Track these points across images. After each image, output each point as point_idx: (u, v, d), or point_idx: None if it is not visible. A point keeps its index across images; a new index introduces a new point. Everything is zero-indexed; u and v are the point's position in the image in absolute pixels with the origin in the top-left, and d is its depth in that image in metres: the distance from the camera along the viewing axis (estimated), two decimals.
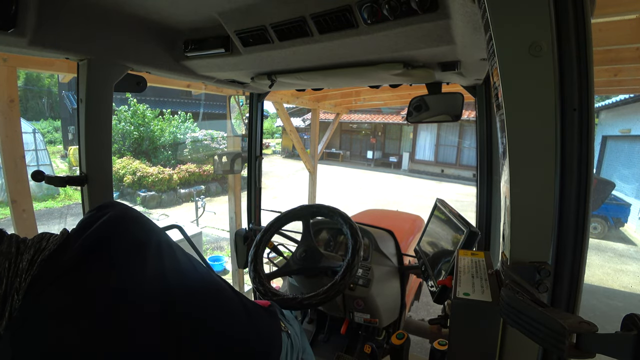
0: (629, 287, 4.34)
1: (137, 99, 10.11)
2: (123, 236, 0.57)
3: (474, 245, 0.89)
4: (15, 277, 0.47)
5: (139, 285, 0.54)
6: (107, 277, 0.52)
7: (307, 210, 1.29)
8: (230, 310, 0.69)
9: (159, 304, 0.54)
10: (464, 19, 0.63)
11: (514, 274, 0.46)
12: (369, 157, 15.91)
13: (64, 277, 0.49)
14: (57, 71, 2.39)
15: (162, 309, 0.54)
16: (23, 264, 0.48)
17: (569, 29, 0.41)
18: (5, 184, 2.05)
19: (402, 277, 1.51)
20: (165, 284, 0.57)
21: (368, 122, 15.42)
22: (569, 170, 0.44)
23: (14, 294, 0.47)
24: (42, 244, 0.52)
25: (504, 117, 0.44)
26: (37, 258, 0.49)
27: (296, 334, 0.97)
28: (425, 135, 14.44)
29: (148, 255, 0.57)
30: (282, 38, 0.83)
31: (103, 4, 0.83)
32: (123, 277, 0.53)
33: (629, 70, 2.70)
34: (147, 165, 9.36)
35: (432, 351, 0.83)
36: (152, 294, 0.54)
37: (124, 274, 0.53)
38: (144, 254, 0.57)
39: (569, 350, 0.35)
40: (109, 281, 0.51)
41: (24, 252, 0.50)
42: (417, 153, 14.71)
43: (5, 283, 0.47)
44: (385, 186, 11.12)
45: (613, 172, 8.27)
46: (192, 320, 0.58)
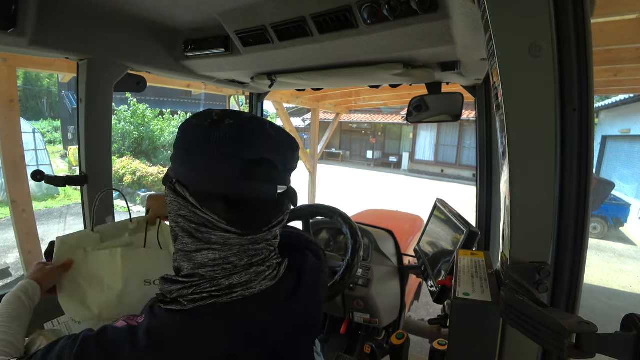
0: (629, 287, 4.34)
1: (137, 99, 10.09)
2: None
3: (473, 245, 0.89)
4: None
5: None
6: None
7: (307, 210, 1.29)
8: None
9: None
10: (464, 19, 0.63)
11: (513, 274, 0.46)
12: (369, 157, 15.91)
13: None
14: (57, 71, 2.40)
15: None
16: (222, 281, 0.47)
17: (569, 29, 0.41)
18: (5, 184, 2.05)
19: (402, 277, 1.51)
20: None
21: (368, 122, 15.42)
22: (568, 170, 0.44)
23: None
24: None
25: (504, 117, 0.44)
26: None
27: None
28: (425, 135, 14.44)
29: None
30: (282, 38, 0.83)
31: (103, 4, 0.83)
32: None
33: (629, 70, 2.70)
34: (147, 165, 9.35)
35: (432, 351, 0.83)
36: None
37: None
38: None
39: (569, 350, 0.35)
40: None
41: (238, 271, 0.49)
42: (417, 153, 14.70)
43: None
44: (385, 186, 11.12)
45: (613, 172, 8.27)
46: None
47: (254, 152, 0.46)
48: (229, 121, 0.46)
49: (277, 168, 0.48)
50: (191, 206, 0.46)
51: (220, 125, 0.46)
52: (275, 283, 0.51)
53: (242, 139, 0.46)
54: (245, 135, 0.46)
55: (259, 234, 0.49)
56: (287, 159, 0.50)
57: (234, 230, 0.46)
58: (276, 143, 0.49)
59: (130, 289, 0.74)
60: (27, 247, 2.10)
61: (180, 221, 0.47)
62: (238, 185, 0.45)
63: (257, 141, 0.47)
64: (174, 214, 0.48)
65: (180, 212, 0.47)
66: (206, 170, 0.45)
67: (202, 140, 0.46)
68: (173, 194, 0.48)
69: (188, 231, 0.47)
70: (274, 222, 0.50)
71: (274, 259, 0.52)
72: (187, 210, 0.46)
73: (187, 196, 0.46)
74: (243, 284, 0.47)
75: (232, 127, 0.46)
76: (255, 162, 0.46)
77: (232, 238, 0.47)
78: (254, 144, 0.46)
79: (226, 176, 0.45)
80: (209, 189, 0.46)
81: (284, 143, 0.50)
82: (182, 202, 0.47)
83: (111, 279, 0.74)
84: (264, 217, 0.49)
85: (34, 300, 0.64)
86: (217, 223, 0.46)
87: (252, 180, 0.46)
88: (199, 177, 0.46)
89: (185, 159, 0.47)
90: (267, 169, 0.47)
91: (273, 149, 0.48)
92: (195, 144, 0.46)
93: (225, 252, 0.47)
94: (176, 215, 0.48)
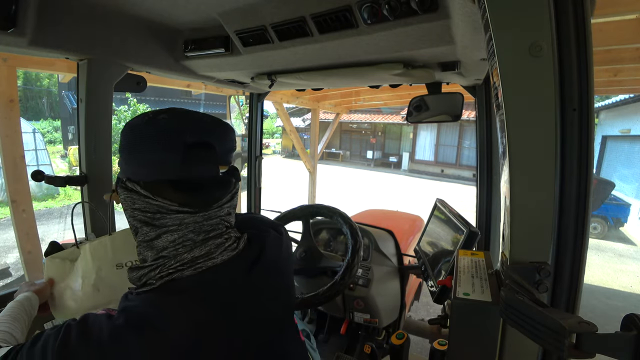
0: (629, 287, 4.34)
1: (137, 99, 10.09)
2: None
3: (473, 245, 0.89)
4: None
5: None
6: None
7: (307, 210, 1.29)
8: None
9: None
10: (464, 19, 0.63)
11: (513, 274, 0.46)
12: (369, 157, 15.91)
13: None
14: (57, 71, 2.40)
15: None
16: (185, 255, 0.51)
17: (569, 29, 0.41)
18: (5, 184, 2.05)
19: (402, 277, 1.51)
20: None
21: (368, 122, 15.42)
22: (568, 170, 0.44)
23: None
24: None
25: (504, 117, 0.44)
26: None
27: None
28: (425, 135, 14.43)
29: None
30: (282, 38, 0.83)
31: (103, 4, 0.83)
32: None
33: (629, 70, 2.70)
34: None
35: (432, 351, 0.83)
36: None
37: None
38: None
39: (569, 351, 0.35)
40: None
41: (198, 245, 0.53)
42: (417, 153, 14.70)
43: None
44: (385, 186, 11.12)
45: (613, 172, 8.27)
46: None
47: (191, 138, 0.50)
48: (163, 116, 0.51)
49: (215, 149, 0.53)
50: (144, 197, 0.50)
51: (156, 120, 0.51)
52: (238, 254, 0.55)
53: (179, 129, 0.51)
54: (180, 124, 0.51)
55: (211, 210, 0.53)
56: (223, 140, 0.55)
57: (187, 209, 0.51)
58: (211, 127, 0.54)
59: (103, 275, 0.81)
60: (27, 247, 2.10)
61: (137, 214, 0.51)
62: (183, 170, 0.50)
63: (193, 128, 0.52)
64: (129, 209, 0.52)
65: (135, 206, 0.51)
66: (151, 162, 0.50)
67: (142, 137, 0.51)
68: (126, 192, 0.52)
69: (145, 221, 0.51)
70: (223, 199, 0.55)
71: (231, 233, 0.57)
72: (141, 202, 0.51)
73: (138, 190, 0.50)
74: (204, 256, 0.51)
75: (167, 120, 0.51)
76: (195, 146, 0.50)
77: (186, 217, 0.51)
78: (190, 131, 0.51)
79: (170, 164, 0.49)
80: (157, 178, 0.50)
81: (218, 127, 0.55)
82: (135, 196, 0.51)
83: (85, 272, 0.81)
84: (213, 195, 0.53)
85: (34, 308, 0.70)
86: (170, 206, 0.50)
87: (195, 163, 0.51)
88: (146, 170, 0.51)
89: (131, 157, 0.52)
90: (206, 151, 0.52)
91: (209, 133, 0.53)
92: (137, 142, 0.51)
93: (183, 230, 0.51)
94: (132, 210, 0.52)
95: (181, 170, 0.50)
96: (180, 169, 0.50)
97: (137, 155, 0.51)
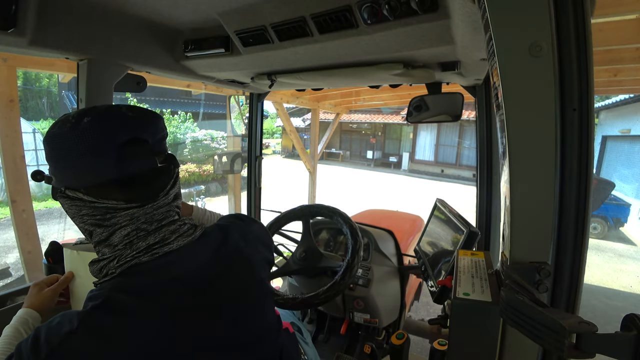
0: (629, 287, 4.34)
1: (137, 99, 10.09)
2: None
3: (473, 245, 0.89)
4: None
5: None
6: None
7: (307, 210, 1.29)
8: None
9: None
10: (464, 19, 0.63)
11: (514, 274, 0.46)
12: (369, 157, 15.91)
13: None
14: (57, 71, 2.40)
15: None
16: (140, 244, 0.52)
17: (569, 29, 0.41)
18: (5, 184, 2.05)
19: (402, 277, 1.51)
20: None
21: (368, 122, 15.42)
22: (568, 170, 0.44)
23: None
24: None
25: (504, 117, 0.44)
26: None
27: (314, 356, 0.98)
28: (425, 135, 14.43)
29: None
30: (282, 38, 0.83)
31: (103, 4, 0.83)
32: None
33: (629, 70, 2.70)
34: None
35: (432, 351, 0.83)
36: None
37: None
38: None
39: (569, 351, 0.35)
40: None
41: (151, 233, 0.53)
42: (417, 153, 14.70)
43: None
44: (385, 186, 11.11)
45: (613, 172, 8.27)
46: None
47: (123, 137, 0.50)
48: (87, 119, 0.50)
49: (148, 142, 0.53)
50: (89, 202, 0.50)
51: (81, 125, 0.49)
52: (197, 240, 0.57)
53: (107, 130, 0.50)
54: (108, 125, 0.51)
55: (158, 200, 0.54)
56: (153, 131, 0.55)
57: (135, 205, 0.52)
58: (140, 121, 0.54)
59: None
60: (27, 247, 2.10)
61: (86, 219, 0.52)
62: (121, 168, 0.50)
63: (121, 126, 0.51)
64: (77, 216, 0.52)
65: (82, 212, 0.51)
66: (87, 168, 0.49)
67: (71, 145, 0.49)
68: (68, 200, 0.52)
69: (96, 224, 0.51)
70: (167, 187, 0.56)
71: (185, 220, 0.59)
72: (87, 208, 0.51)
73: (81, 197, 0.50)
74: (160, 242, 0.53)
75: (93, 123, 0.50)
76: (127, 143, 0.50)
77: (136, 212, 0.52)
78: (120, 130, 0.51)
79: (107, 166, 0.49)
80: (98, 181, 0.50)
81: (146, 118, 0.55)
82: (79, 202, 0.51)
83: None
84: (157, 185, 0.55)
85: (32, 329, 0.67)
86: (117, 205, 0.51)
87: (131, 159, 0.51)
88: (84, 177, 0.50)
89: (64, 166, 0.51)
90: (140, 145, 0.52)
91: (138, 126, 0.53)
92: (66, 150, 0.50)
93: (135, 223, 0.52)
94: (79, 216, 0.52)
95: (119, 170, 0.50)
96: (118, 169, 0.50)
97: (70, 163, 0.50)
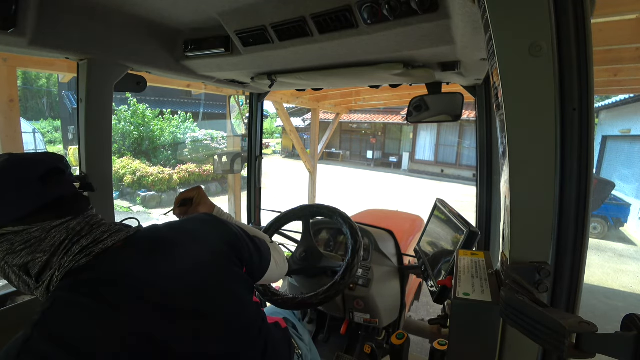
0: (629, 287, 4.34)
1: (137, 99, 10.09)
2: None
3: (474, 245, 0.89)
4: (65, 256, 0.53)
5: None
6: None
7: (307, 210, 1.29)
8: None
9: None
10: (464, 19, 0.63)
11: (514, 274, 0.46)
12: (369, 157, 15.91)
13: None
14: (57, 71, 2.40)
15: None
16: (74, 247, 0.54)
17: (569, 29, 0.41)
18: None
19: (402, 277, 1.51)
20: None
21: (368, 122, 15.42)
22: (569, 170, 0.44)
23: (56, 271, 0.53)
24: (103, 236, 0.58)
25: (504, 117, 0.44)
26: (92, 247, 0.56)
27: (308, 352, 0.97)
28: (425, 135, 14.43)
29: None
30: (282, 38, 0.83)
31: (103, 4, 0.83)
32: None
33: (629, 70, 2.70)
34: (147, 165, 9.35)
35: (432, 351, 0.83)
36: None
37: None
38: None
39: (569, 351, 0.35)
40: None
41: (84, 236, 0.56)
42: (417, 153, 14.70)
43: (55, 254, 0.53)
44: (385, 186, 11.12)
45: (613, 172, 8.27)
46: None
47: (42, 168, 0.55)
48: (3, 159, 0.54)
49: (65, 172, 0.59)
50: (22, 233, 0.52)
51: (2, 165, 0.53)
52: (135, 237, 0.60)
53: (26, 164, 0.54)
54: (25, 161, 0.55)
55: (89, 211, 0.59)
56: (66, 164, 0.61)
57: (69, 217, 0.55)
58: (52, 157, 0.59)
59: None
60: None
61: (21, 253, 0.52)
62: (52, 192, 0.55)
63: (38, 160, 0.56)
64: (9, 256, 0.52)
65: (15, 247, 0.52)
66: (18, 200, 0.52)
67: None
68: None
69: (33, 251, 0.52)
70: (90, 206, 0.61)
71: (117, 223, 0.63)
72: (20, 238, 0.52)
73: (12, 230, 0.51)
74: (92, 242, 0.55)
75: (11, 161, 0.54)
76: (50, 172, 0.56)
77: (70, 223, 0.55)
78: (38, 163, 0.55)
79: (34, 194, 0.53)
80: (29, 209, 0.52)
81: (55, 156, 0.61)
82: (12, 237, 0.52)
83: None
84: (83, 204, 0.59)
85: None
86: (52, 223, 0.53)
87: (58, 185, 0.56)
88: (14, 210, 0.52)
89: None
90: (59, 173, 0.58)
91: (54, 160, 0.59)
92: None
93: (71, 233, 0.55)
94: (13, 254, 0.52)
95: (47, 196, 0.54)
96: (45, 195, 0.54)
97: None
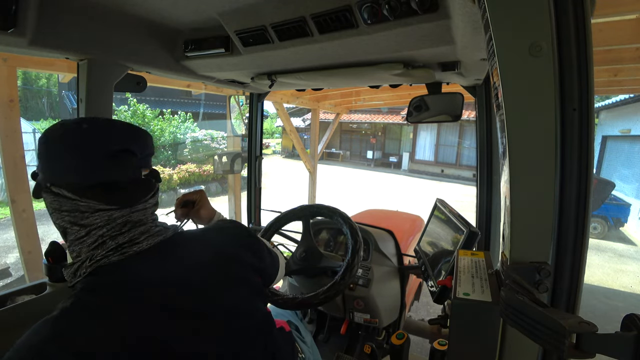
0: (629, 287, 4.34)
1: (137, 99, 10.08)
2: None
3: (474, 245, 0.89)
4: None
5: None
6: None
7: (307, 210, 1.29)
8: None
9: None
10: (464, 19, 0.63)
11: (514, 274, 0.46)
12: (369, 157, 15.91)
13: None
14: (57, 71, 2.40)
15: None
16: (110, 243, 0.54)
17: (569, 29, 0.41)
18: (5, 184, 2.05)
19: (402, 277, 1.51)
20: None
21: (368, 122, 15.42)
22: (569, 170, 0.44)
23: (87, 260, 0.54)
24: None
25: (504, 117, 0.44)
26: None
27: (310, 354, 0.98)
28: (425, 135, 14.43)
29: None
30: (282, 38, 0.83)
31: (103, 4, 0.83)
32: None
33: (629, 70, 2.70)
34: None
35: (432, 351, 0.83)
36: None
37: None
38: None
39: (569, 351, 0.35)
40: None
41: (123, 232, 0.56)
42: (417, 153, 14.70)
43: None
44: (385, 186, 11.12)
45: (613, 172, 8.26)
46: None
47: (115, 146, 0.55)
48: (85, 126, 0.55)
49: (136, 155, 0.58)
50: (71, 200, 0.53)
51: (79, 130, 0.54)
52: (168, 240, 0.60)
53: (103, 138, 0.55)
54: (104, 133, 0.56)
55: (136, 206, 0.58)
56: (143, 146, 0.60)
57: (114, 207, 0.55)
58: (132, 135, 0.59)
59: None
60: (27, 247, 2.10)
61: (65, 216, 0.54)
62: (108, 173, 0.54)
63: (116, 136, 0.57)
64: (56, 212, 0.55)
65: (63, 208, 0.54)
66: (78, 169, 0.53)
67: (67, 146, 0.53)
68: (52, 196, 0.54)
69: (74, 222, 0.54)
70: (146, 197, 0.60)
71: (157, 223, 0.62)
72: (69, 204, 0.53)
73: (65, 194, 0.53)
74: (128, 242, 0.55)
75: (90, 129, 0.55)
76: (118, 153, 0.55)
77: (113, 214, 0.55)
78: (114, 140, 0.56)
79: (96, 168, 0.53)
80: (83, 182, 0.53)
81: (137, 134, 0.60)
82: (62, 199, 0.53)
83: None
84: (137, 193, 0.59)
85: None
86: (97, 206, 0.54)
87: (118, 167, 0.55)
88: (72, 176, 0.53)
89: (56, 164, 0.54)
90: (128, 157, 0.57)
91: (129, 139, 0.58)
92: (62, 150, 0.53)
93: (110, 224, 0.55)
94: (59, 212, 0.54)
95: (106, 175, 0.54)
96: (105, 173, 0.54)
97: (61, 163, 0.53)
